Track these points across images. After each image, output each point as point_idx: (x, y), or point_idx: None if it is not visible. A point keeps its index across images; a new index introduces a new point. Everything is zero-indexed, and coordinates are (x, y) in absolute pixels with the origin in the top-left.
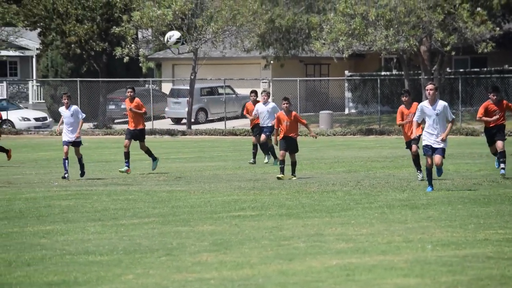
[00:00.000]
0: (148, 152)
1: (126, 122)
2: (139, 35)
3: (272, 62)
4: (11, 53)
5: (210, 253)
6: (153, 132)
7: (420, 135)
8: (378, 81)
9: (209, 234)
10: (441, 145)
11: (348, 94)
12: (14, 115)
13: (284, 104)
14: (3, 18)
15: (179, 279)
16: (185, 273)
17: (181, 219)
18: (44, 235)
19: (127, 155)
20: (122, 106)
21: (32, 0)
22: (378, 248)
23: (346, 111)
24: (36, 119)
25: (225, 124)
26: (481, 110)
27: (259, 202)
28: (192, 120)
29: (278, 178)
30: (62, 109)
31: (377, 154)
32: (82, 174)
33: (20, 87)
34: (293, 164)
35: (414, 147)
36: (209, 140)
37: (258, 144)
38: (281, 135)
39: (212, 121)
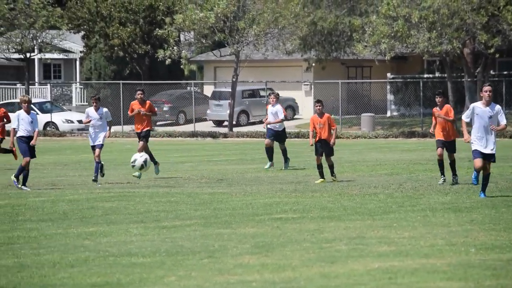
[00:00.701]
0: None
1: (167, 124)
2: (181, 38)
3: (313, 64)
4: (55, 55)
5: (252, 256)
6: (195, 134)
7: (452, 142)
8: (421, 83)
9: (251, 237)
10: (493, 151)
11: (390, 97)
12: (57, 117)
13: (317, 106)
14: (48, 21)
15: (221, 281)
16: (227, 275)
17: (223, 221)
18: (87, 236)
19: (150, 156)
20: (164, 108)
21: (76, 3)
22: (421, 251)
23: (388, 114)
24: (79, 121)
25: (266, 125)
26: None
27: (301, 204)
28: (234, 122)
29: (318, 183)
30: (91, 111)
31: (420, 156)
32: (96, 178)
33: (64, 89)
34: (331, 167)
35: (439, 150)
36: (251, 143)
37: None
38: (317, 138)
39: (253, 123)
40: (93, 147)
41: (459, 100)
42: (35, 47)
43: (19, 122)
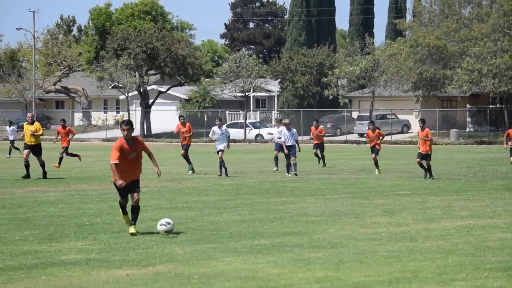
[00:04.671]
0: (187, 158)
1: (329, 135)
2: (339, 82)
3: (420, 99)
4: (262, 94)
5: (381, 217)
6: (346, 141)
7: (427, 154)
8: (487, 111)
9: (381, 205)
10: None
11: (468, 119)
12: (263, 131)
13: (371, 128)
14: (258, 72)
15: (362, 232)
16: (366, 228)
17: (363, 195)
18: (280, 204)
19: (187, 160)
20: (328, 126)
21: (275, 62)
22: (487, 215)
23: (467, 129)
24: (270, 134)
25: (391, 137)
26: None
27: (412, 185)
28: None
29: (377, 174)
30: (215, 129)
31: (486, 156)
32: (226, 174)
33: (267, 114)
34: (375, 163)
35: (418, 160)
36: (382, 147)
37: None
38: (371, 144)
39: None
40: (218, 152)
41: (511, 124)
42: (251, 89)
43: (283, 135)
